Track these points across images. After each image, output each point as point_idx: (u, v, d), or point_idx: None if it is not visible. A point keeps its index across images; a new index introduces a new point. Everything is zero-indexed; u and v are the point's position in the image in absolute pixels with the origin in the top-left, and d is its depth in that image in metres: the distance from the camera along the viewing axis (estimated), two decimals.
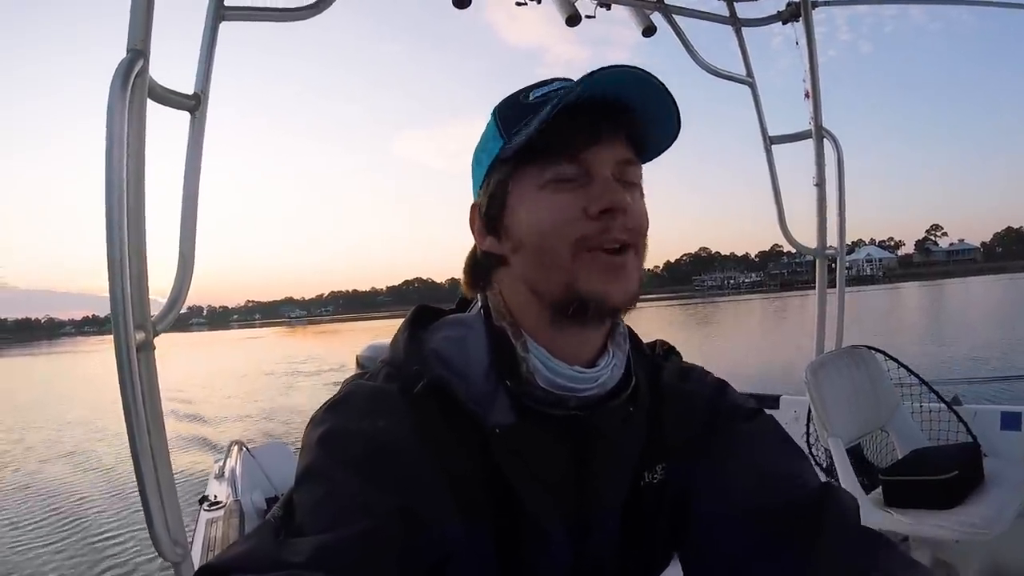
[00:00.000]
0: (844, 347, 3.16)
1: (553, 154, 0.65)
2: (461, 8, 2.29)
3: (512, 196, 0.68)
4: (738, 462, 0.70)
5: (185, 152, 1.66)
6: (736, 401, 0.79)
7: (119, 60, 1.38)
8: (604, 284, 0.64)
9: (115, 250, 1.33)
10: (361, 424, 0.62)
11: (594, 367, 0.69)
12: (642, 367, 0.77)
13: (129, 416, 1.38)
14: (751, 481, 0.68)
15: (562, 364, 0.67)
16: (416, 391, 0.65)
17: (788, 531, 0.62)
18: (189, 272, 1.65)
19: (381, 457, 0.59)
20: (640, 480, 0.72)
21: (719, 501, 0.68)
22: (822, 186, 3.17)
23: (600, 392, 0.69)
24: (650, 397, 0.75)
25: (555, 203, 0.65)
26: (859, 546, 0.61)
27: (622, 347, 0.73)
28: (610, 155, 0.65)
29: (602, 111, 0.64)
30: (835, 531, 0.61)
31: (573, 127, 0.64)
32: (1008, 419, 2.90)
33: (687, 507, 0.71)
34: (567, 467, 0.68)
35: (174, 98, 1.58)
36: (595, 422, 0.68)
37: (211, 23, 1.69)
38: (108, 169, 1.31)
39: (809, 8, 2.99)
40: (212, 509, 2.97)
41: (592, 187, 0.64)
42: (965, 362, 13.29)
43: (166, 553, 1.48)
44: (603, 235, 0.64)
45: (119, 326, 1.36)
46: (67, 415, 15.36)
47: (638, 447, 0.72)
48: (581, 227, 0.64)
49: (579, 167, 0.65)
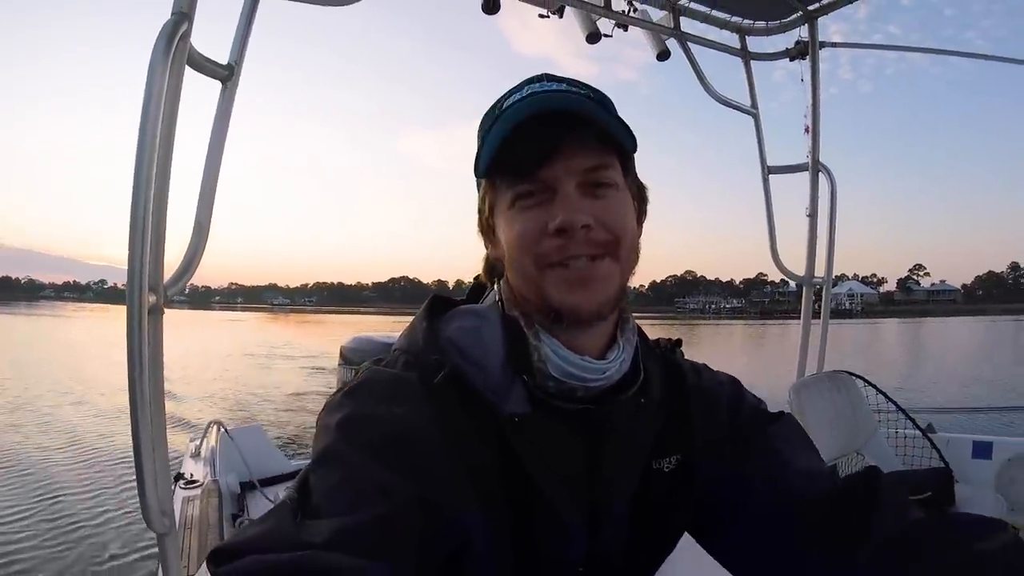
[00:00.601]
0: (826, 371, 3.26)
1: (512, 174, 0.68)
2: (490, 13, 2.33)
3: (496, 209, 0.72)
4: (784, 461, 0.74)
5: (212, 121, 1.66)
6: (754, 402, 0.83)
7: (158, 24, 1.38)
8: (571, 296, 0.67)
9: (139, 211, 1.32)
10: (380, 410, 0.63)
11: (603, 359, 0.71)
12: (653, 361, 0.80)
13: (133, 379, 1.36)
14: (798, 476, 0.72)
15: (572, 354, 0.69)
16: (436, 380, 0.66)
17: (845, 515, 0.66)
18: (203, 241, 1.65)
19: (400, 444, 0.60)
20: (650, 468, 0.75)
21: (778, 497, 0.71)
22: (814, 217, 3.28)
23: (606, 384, 0.71)
24: (669, 393, 0.78)
25: (519, 221, 0.68)
26: (904, 510, 0.65)
27: (631, 341, 0.75)
28: (571, 167, 0.66)
29: (555, 120, 0.65)
30: (891, 506, 0.65)
31: (525, 147, 0.65)
32: (979, 448, 3.05)
33: (722, 502, 0.75)
34: (581, 458, 0.70)
35: (209, 66, 1.58)
36: (607, 415, 0.71)
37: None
38: (142, 130, 1.30)
39: (816, 48, 3.10)
40: (189, 487, 2.91)
41: (555, 204, 0.66)
42: (933, 389, 13.59)
43: (155, 524, 1.44)
44: (562, 252, 0.66)
45: (134, 287, 1.34)
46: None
47: (650, 438, 0.74)
48: (542, 244, 0.66)
49: (540, 184, 0.66)
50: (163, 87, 1.33)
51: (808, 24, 3.07)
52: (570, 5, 2.64)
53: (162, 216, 1.47)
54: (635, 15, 2.79)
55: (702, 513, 0.78)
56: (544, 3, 2.59)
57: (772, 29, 3.15)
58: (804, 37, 3.11)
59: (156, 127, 1.33)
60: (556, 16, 2.65)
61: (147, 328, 1.39)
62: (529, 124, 0.64)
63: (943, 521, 0.63)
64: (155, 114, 1.32)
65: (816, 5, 2.97)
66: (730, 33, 3.15)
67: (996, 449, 3.03)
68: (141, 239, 1.33)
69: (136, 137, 1.31)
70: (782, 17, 3.10)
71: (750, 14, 3.07)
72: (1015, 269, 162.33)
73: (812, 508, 0.68)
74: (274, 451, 3.61)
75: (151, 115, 1.31)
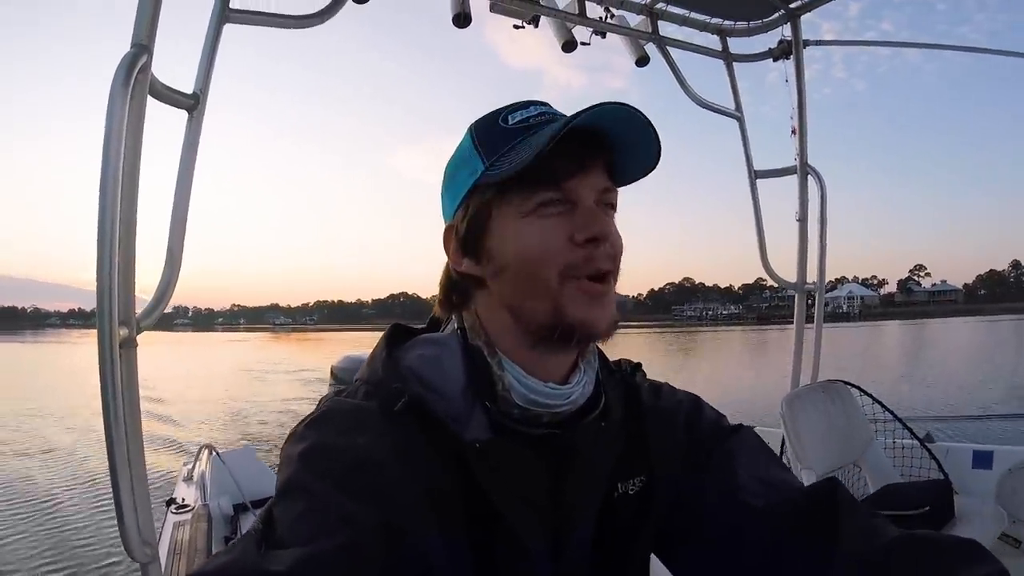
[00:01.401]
0: (820, 381, 3.21)
1: (540, 182, 0.66)
2: (460, 27, 2.33)
3: (495, 220, 0.69)
4: (741, 472, 0.74)
5: (180, 151, 1.66)
6: (713, 416, 0.83)
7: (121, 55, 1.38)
8: (590, 312, 0.66)
9: (105, 243, 1.32)
10: (341, 440, 0.62)
11: (566, 384, 0.71)
12: (612, 384, 0.79)
13: (107, 411, 1.37)
14: (758, 487, 0.71)
15: (537, 381, 0.68)
16: (396, 408, 0.65)
17: (808, 522, 0.66)
18: (176, 271, 1.65)
19: (362, 472, 0.60)
20: (614, 491, 0.74)
21: (735, 510, 0.71)
22: (804, 221, 3.24)
23: (571, 408, 0.70)
24: (627, 415, 0.78)
25: (542, 230, 0.66)
26: (874, 524, 0.64)
27: (592, 365, 0.75)
28: (593, 183, 0.68)
29: (587, 141, 0.66)
30: (850, 514, 0.64)
31: (561, 157, 0.65)
32: (980, 457, 2.97)
33: (682, 518, 0.75)
34: (544, 484, 0.69)
35: (174, 96, 1.58)
36: (570, 439, 0.70)
37: (215, 24, 1.70)
38: (104, 162, 1.31)
39: (800, 47, 3.07)
40: (180, 512, 2.93)
41: (577, 215, 0.66)
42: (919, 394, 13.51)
43: (135, 553, 1.45)
44: (588, 263, 0.66)
45: (104, 321, 1.34)
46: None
47: (611, 461, 0.74)
48: (568, 254, 0.66)
49: (564, 195, 0.67)
50: (123, 119, 1.32)
51: (791, 22, 3.04)
52: (544, 14, 2.63)
53: (131, 247, 1.46)
54: (611, 21, 2.78)
55: (663, 532, 0.77)
56: (518, 13, 2.58)
57: (754, 29, 3.12)
58: (787, 36, 3.08)
59: (119, 159, 1.32)
60: (532, 26, 2.65)
61: (119, 361, 1.39)
62: (564, 133, 0.63)
63: (919, 542, 0.62)
64: (116, 146, 1.32)
65: (798, 3, 2.94)
66: (712, 35, 3.13)
67: (997, 458, 2.94)
68: (109, 272, 1.33)
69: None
70: (763, 16, 3.07)
71: (730, 15, 3.04)
72: (1016, 267, 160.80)
73: (772, 517, 0.68)
74: (267, 472, 3.61)
75: (112, 147, 1.31)
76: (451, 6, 2.35)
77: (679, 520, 0.75)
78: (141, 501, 1.47)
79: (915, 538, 0.61)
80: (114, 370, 1.37)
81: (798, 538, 0.65)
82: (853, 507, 0.65)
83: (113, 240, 1.34)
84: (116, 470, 1.39)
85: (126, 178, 1.37)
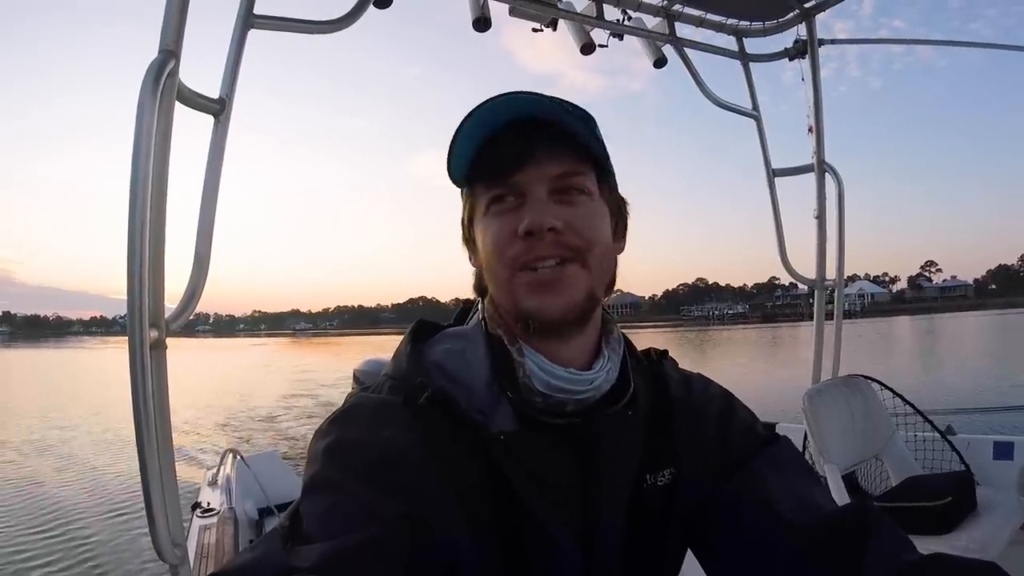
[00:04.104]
0: (841, 376, 3.19)
1: (485, 179, 0.69)
2: (480, 31, 2.35)
3: (476, 217, 0.72)
4: (777, 488, 0.71)
5: (207, 155, 1.68)
6: (748, 419, 0.81)
7: (147, 61, 1.41)
8: (536, 299, 0.67)
9: (135, 246, 1.34)
10: (366, 435, 0.63)
11: (589, 370, 0.70)
12: (640, 373, 0.78)
13: (138, 414, 1.38)
14: (794, 503, 0.69)
15: (557, 367, 0.68)
16: (420, 402, 0.66)
17: (837, 544, 0.63)
18: (204, 274, 1.66)
19: (387, 466, 0.60)
20: (643, 483, 0.73)
21: (768, 523, 0.69)
22: (822, 219, 3.22)
23: (595, 395, 0.70)
24: (654, 405, 0.77)
25: (493, 226, 0.69)
26: (905, 549, 0.62)
27: (617, 351, 0.75)
28: (543, 173, 0.67)
29: (528, 132, 0.66)
30: (877, 537, 0.62)
31: (496, 154, 0.67)
32: (1001, 449, 2.97)
33: (714, 523, 0.73)
34: (570, 474, 0.69)
35: (200, 101, 1.60)
36: (595, 428, 0.69)
37: (240, 29, 1.72)
38: (134, 166, 1.33)
39: (815, 46, 3.06)
40: (205, 516, 2.94)
41: (524, 209, 0.67)
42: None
43: (166, 555, 1.46)
44: (529, 254, 0.66)
45: (134, 323, 1.36)
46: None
47: (638, 451, 0.73)
48: (513, 248, 0.67)
49: (512, 189, 0.68)
50: (152, 124, 1.35)
51: (806, 22, 3.03)
52: (563, 18, 2.64)
53: (160, 251, 1.48)
54: (629, 23, 2.78)
55: (692, 529, 0.76)
56: (537, 17, 2.59)
57: (769, 29, 3.11)
58: (803, 35, 3.07)
59: (148, 164, 1.34)
60: (550, 29, 2.65)
61: (150, 363, 1.40)
62: (503, 129, 0.66)
63: (941, 565, 0.60)
64: (146, 151, 1.33)
65: (813, 2, 2.93)
66: (728, 36, 3.13)
67: (1018, 449, 2.94)
68: (139, 275, 1.35)
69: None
70: (779, 16, 3.06)
71: (746, 15, 3.04)
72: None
73: (803, 535, 0.66)
74: (291, 475, 3.63)
75: (142, 152, 1.33)
76: (471, 10, 2.36)
77: (708, 522, 0.74)
78: (171, 503, 1.48)
79: (938, 560, 0.60)
80: (144, 372, 1.38)
81: (825, 558, 0.63)
82: (880, 530, 0.63)
83: (143, 243, 1.35)
84: (147, 472, 1.40)
85: (155, 181, 1.39)
